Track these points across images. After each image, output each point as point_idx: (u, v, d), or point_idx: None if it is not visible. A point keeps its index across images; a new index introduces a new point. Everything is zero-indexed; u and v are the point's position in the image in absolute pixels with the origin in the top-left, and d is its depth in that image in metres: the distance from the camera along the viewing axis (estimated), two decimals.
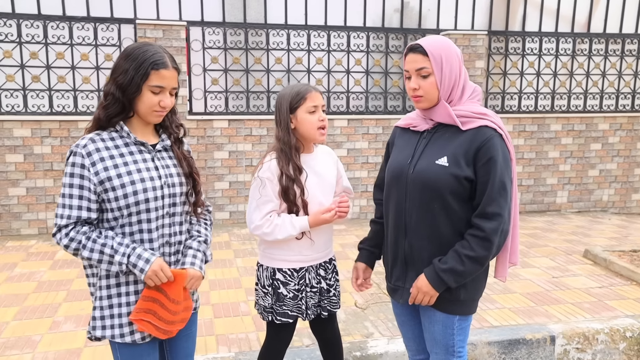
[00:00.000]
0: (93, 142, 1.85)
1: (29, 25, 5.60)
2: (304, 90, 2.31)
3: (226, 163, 6.13)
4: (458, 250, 1.97)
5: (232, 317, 3.71)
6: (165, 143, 1.99)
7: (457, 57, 2.01)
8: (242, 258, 5.00)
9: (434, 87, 1.99)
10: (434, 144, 2.04)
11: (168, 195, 1.94)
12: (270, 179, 2.30)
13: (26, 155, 5.58)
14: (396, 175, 2.11)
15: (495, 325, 3.63)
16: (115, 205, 1.85)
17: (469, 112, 1.99)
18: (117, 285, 1.90)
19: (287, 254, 2.38)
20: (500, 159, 1.94)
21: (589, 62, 7.18)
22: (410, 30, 6.65)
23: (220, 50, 6.16)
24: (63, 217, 1.82)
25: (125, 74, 1.82)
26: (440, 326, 2.10)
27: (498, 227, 1.93)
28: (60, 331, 3.44)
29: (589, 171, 7.22)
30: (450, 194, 1.98)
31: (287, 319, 2.39)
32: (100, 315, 1.92)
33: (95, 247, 1.81)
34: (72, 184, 1.82)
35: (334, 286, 2.50)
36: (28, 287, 4.19)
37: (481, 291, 2.14)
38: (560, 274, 4.68)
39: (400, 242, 2.12)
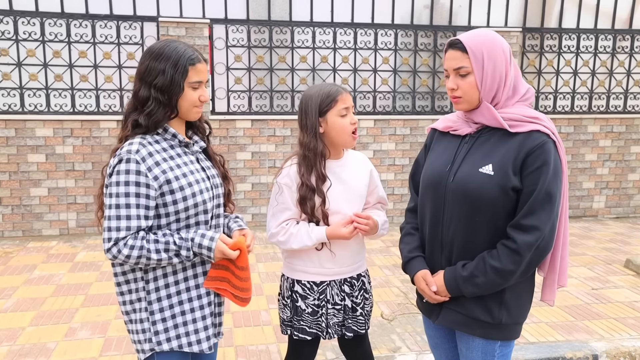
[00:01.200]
0: (144, 146, 1.77)
1: (52, 23, 5.56)
2: (334, 91, 2.12)
3: (249, 164, 6.00)
4: (485, 258, 1.79)
5: (253, 326, 3.57)
6: (201, 144, 1.95)
7: (504, 53, 1.79)
8: (263, 263, 4.86)
9: (473, 87, 1.79)
10: (477, 149, 1.84)
11: (216, 196, 1.93)
12: (289, 185, 2.16)
13: (48, 155, 5.55)
14: (433, 183, 1.91)
15: (532, 341, 3.41)
16: (173, 209, 1.79)
17: (519, 115, 1.78)
18: (177, 293, 1.84)
19: (306, 265, 2.22)
20: (551, 168, 1.73)
21: (630, 60, 6.84)
22: (441, 27, 6.42)
23: (244, 49, 6.03)
24: (120, 230, 1.71)
25: (164, 75, 1.76)
26: (479, 353, 1.90)
27: (534, 242, 1.73)
28: (75, 338, 3.35)
29: (628, 175, 6.88)
30: (495, 206, 1.78)
31: (305, 335, 2.23)
32: (164, 327, 1.84)
33: (160, 246, 1.73)
34: (128, 192, 1.72)
35: (362, 305, 2.29)
36: (46, 290, 4.12)
37: (526, 314, 1.93)
38: (601, 286, 4.41)
39: (436, 256, 1.95)
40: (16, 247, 5.22)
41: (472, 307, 1.86)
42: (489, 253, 1.79)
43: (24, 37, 5.52)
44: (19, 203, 5.55)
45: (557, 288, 1.94)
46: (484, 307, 1.84)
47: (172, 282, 1.83)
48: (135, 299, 1.84)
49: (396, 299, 4.02)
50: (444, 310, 1.94)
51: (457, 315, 1.90)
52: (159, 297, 1.82)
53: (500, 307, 1.84)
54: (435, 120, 6.98)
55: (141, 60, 1.82)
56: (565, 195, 1.83)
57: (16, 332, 3.41)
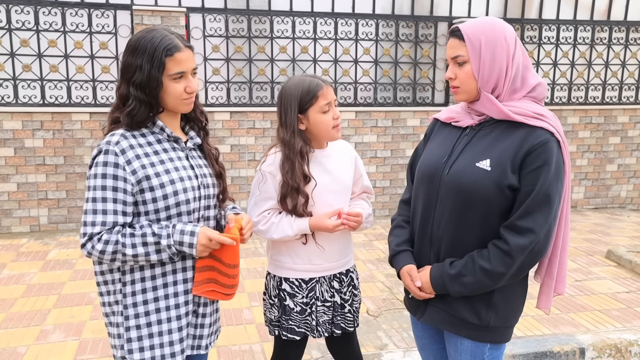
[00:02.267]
0: (125, 138, 1.67)
1: (19, 10, 5.31)
2: (314, 86, 2.02)
3: (228, 157, 5.85)
4: (474, 257, 1.70)
5: (235, 325, 3.46)
6: (196, 141, 1.83)
7: (506, 42, 1.68)
8: (245, 259, 4.74)
9: (470, 76, 1.70)
10: (476, 143, 1.74)
11: (204, 197, 1.81)
12: (273, 174, 2.06)
13: (17, 148, 5.31)
14: (428, 175, 1.82)
15: (519, 335, 3.38)
16: (152, 207, 1.68)
17: (523, 109, 1.68)
18: (155, 300, 1.72)
19: (294, 262, 2.13)
20: (552, 168, 1.63)
21: (608, 51, 6.87)
22: (422, 17, 6.34)
23: (221, 39, 5.86)
24: (96, 225, 1.62)
25: (141, 71, 1.64)
26: (467, 356, 1.82)
27: (527, 245, 1.64)
28: (48, 342, 3.19)
29: (607, 166, 6.93)
30: (489, 204, 1.68)
31: (294, 335, 2.14)
32: (137, 335, 1.71)
33: (136, 240, 1.62)
34: (105, 186, 1.62)
35: (350, 302, 2.21)
36: (16, 291, 3.94)
37: (517, 317, 1.84)
38: (584, 277, 4.41)
39: (424, 252, 1.86)
40: None
41: (458, 307, 1.78)
42: (479, 252, 1.71)
43: None
44: None
45: (553, 296, 1.86)
46: (471, 308, 1.76)
47: (150, 288, 1.71)
48: (113, 301, 1.74)
49: (381, 294, 3.94)
50: (430, 308, 1.86)
51: (442, 314, 1.82)
52: (135, 302, 1.70)
53: (488, 309, 1.75)
54: (417, 112, 6.85)
55: (122, 55, 1.70)
56: (567, 198, 1.75)
57: None
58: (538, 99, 1.74)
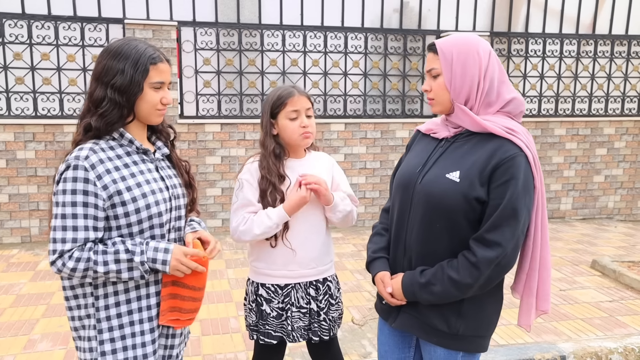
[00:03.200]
0: (94, 152, 1.65)
1: (13, 25, 5.38)
2: (285, 94, 2.13)
3: (218, 169, 5.91)
4: (444, 267, 1.74)
5: (221, 334, 3.49)
6: (164, 151, 1.85)
7: (478, 55, 1.72)
8: (233, 269, 4.78)
9: (442, 88, 1.76)
10: (449, 155, 1.79)
11: (176, 208, 1.81)
12: (249, 181, 2.17)
13: (9, 160, 5.36)
14: (403, 184, 1.88)
15: (501, 343, 3.42)
16: (124, 222, 1.67)
17: (496, 124, 1.72)
18: (128, 313, 1.72)
19: (270, 268, 2.20)
20: (520, 183, 1.66)
21: (594, 64, 6.99)
22: (410, 31, 6.45)
23: (212, 52, 5.95)
24: (66, 242, 1.59)
25: (123, 74, 1.65)
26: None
27: (494, 258, 1.67)
28: (35, 351, 3.22)
29: (594, 177, 7.02)
30: (456, 214, 1.72)
31: (271, 339, 2.21)
32: (112, 348, 1.71)
33: (108, 258, 1.61)
34: (75, 202, 1.60)
35: (326, 310, 2.25)
36: (5, 301, 3.96)
37: (490, 327, 1.86)
38: (568, 287, 4.47)
39: (399, 259, 1.90)
40: None
41: (428, 314, 1.81)
42: (449, 262, 1.74)
43: None
44: None
45: (537, 313, 1.87)
46: (441, 316, 1.79)
47: (124, 301, 1.70)
48: (84, 315, 1.72)
49: (367, 304, 3.99)
50: (402, 314, 1.89)
51: (414, 320, 1.86)
52: (109, 315, 1.69)
53: (458, 318, 1.78)
54: (405, 123, 6.91)
55: (98, 60, 1.71)
56: (541, 213, 1.77)
57: None
58: (513, 114, 1.78)
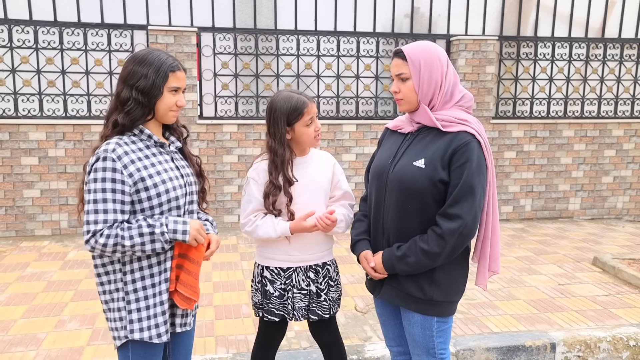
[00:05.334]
0: (120, 145, 1.92)
1: (46, 31, 5.76)
2: (301, 104, 2.33)
3: (235, 167, 6.21)
4: (416, 241, 2.03)
5: (233, 318, 3.77)
6: (177, 144, 2.12)
7: (440, 62, 2.02)
8: (247, 261, 5.06)
9: (412, 90, 2.04)
10: (415, 146, 2.08)
11: (189, 193, 2.08)
12: (255, 179, 2.40)
13: (41, 157, 5.74)
14: (377, 174, 2.17)
15: (495, 331, 3.62)
16: (147, 205, 1.94)
17: (451, 117, 2.01)
18: (152, 285, 1.97)
19: (274, 253, 2.45)
20: (474, 164, 1.96)
21: (603, 67, 7.10)
22: (420, 35, 6.65)
23: (230, 56, 6.25)
24: (98, 222, 1.86)
25: (146, 79, 1.93)
26: (419, 328, 2.13)
27: (457, 229, 1.96)
28: (64, 330, 3.53)
29: (602, 178, 7.12)
30: (424, 195, 2.01)
31: (273, 317, 2.46)
32: (138, 317, 1.97)
33: (133, 232, 1.86)
34: (105, 188, 1.87)
35: (326, 291, 2.49)
36: (38, 286, 4.31)
37: (458, 294, 2.16)
38: (567, 282, 4.63)
39: (378, 239, 2.19)
40: (9, 247, 5.39)
41: (406, 284, 2.10)
42: (420, 237, 2.03)
43: (18, 44, 5.72)
44: (12, 204, 5.73)
45: (489, 274, 2.16)
46: (416, 284, 2.08)
47: (148, 275, 1.97)
48: (113, 289, 1.98)
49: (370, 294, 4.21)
50: (384, 287, 2.18)
51: (395, 291, 2.14)
52: (135, 288, 1.96)
53: (431, 285, 2.07)
54: None
55: (125, 65, 1.99)
56: (492, 190, 2.05)
57: (8, 324, 3.59)
58: (465, 107, 2.08)
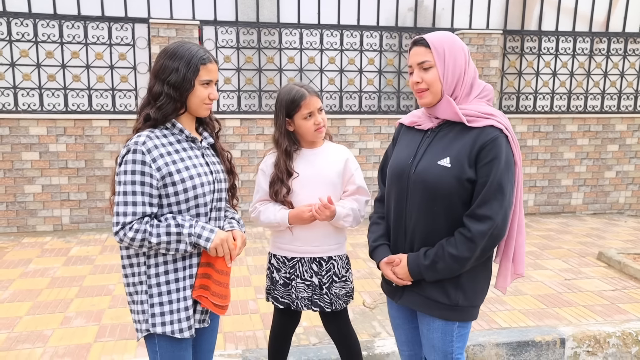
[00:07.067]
0: (150, 139, 1.90)
1: (45, 25, 5.72)
2: (299, 97, 2.38)
3: (238, 162, 6.18)
4: (444, 245, 1.93)
5: (241, 314, 3.76)
6: (209, 140, 2.09)
7: (463, 52, 1.95)
8: (252, 257, 5.06)
9: (436, 79, 1.93)
10: (437, 143, 1.98)
11: (217, 190, 2.06)
12: (263, 170, 2.51)
13: (42, 153, 5.70)
14: (397, 174, 2.06)
15: (504, 327, 3.63)
16: (174, 200, 1.92)
17: (476, 111, 1.92)
18: (176, 280, 1.96)
19: (281, 242, 2.53)
20: (503, 161, 1.86)
21: (607, 62, 7.11)
22: (424, 29, 6.64)
23: (233, 50, 6.22)
24: (127, 215, 1.86)
25: (177, 73, 1.90)
26: (439, 333, 2.05)
27: (487, 230, 1.86)
28: (71, 326, 3.52)
29: (605, 173, 7.15)
30: (451, 196, 1.91)
31: (278, 304, 2.56)
32: (160, 311, 1.96)
33: (161, 230, 1.86)
34: (134, 181, 1.86)
35: (328, 286, 2.50)
36: (42, 282, 4.29)
37: (482, 297, 2.07)
38: (573, 276, 4.65)
39: (400, 243, 2.10)
40: (11, 243, 5.37)
41: (430, 290, 2.00)
42: (447, 240, 1.93)
43: (17, 37, 5.67)
44: (13, 200, 5.70)
45: (513, 277, 2.07)
46: (442, 290, 1.98)
47: (172, 270, 1.96)
48: (137, 282, 1.99)
49: (378, 289, 4.22)
50: (406, 293, 2.08)
51: (417, 297, 2.05)
52: (159, 282, 1.95)
53: (457, 290, 1.97)
54: None
55: (157, 59, 1.97)
56: (520, 187, 1.97)
57: (14, 321, 3.57)
58: (487, 99, 2.00)
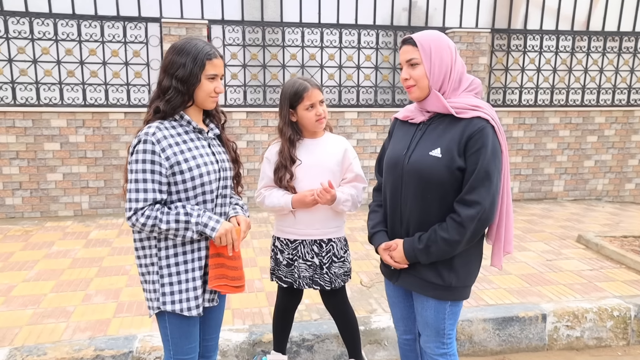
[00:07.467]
0: (160, 130, 1.88)
1: (64, 24, 5.64)
2: (301, 89, 2.36)
3: (244, 152, 6.14)
4: (436, 230, 1.91)
5: (248, 293, 3.74)
6: (215, 131, 2.06)
7: (449, 49, 1.90)
8: (258, 240, 5.03)
9: (423, 76, 1.90)
10: (428, 135, 1.96)
11: (223, 178, 2.03)
12: (268, 158, 2.49)
13: (62, 143, 5.65)
14: (393, 165, 2.04)
15: (490, 304, 3.61)
16: (182, 187, 1.90)
17: (463, 103, 1.89)
18: (184, 262, 1.95)
19: (284, 226, 2.51)
20: (489, 150, 1.83)
21: (587, 58, 7.02)
22: (418, 28, 6.54)
23: (239, 47, 6.14)
24: (139, 201, 1.85)
25: (184, 68, 1.86)
26: (432, 312, 2.04)
27: (475, 215, 1.84)
28: (91, 303, 3.50)
29: (584, 162, 7.09)
30: (443, 184, 1.89)
31: (282, 282, 2.57)
32: (170, 290, 1.95)
33: (170, 218, 1.85)
34: (145, 169, 1.85)
35: (328, 265, 2.49)
36: (64, 263, 4.27)
37: (473, 278, 2.05)
38: (554, 257, 4.62)
39: (396, 229, 2.08)
40: (35, 227, 5.34)
41: (425, 272, 1.99)
42: (439, 225, 1.91)
43: (38, 36, 5.59)
44: (37, 187, 5.66)
45: (503, 254, 2.05)
46: (436, 272, 1.97)
47: (181, 252, 1.95)
48: (149, 263, 1.98)
49: (374, 270, 4.20)
50: (403, 275, 2.07)
51: (413, 279, 2.03)
52: (169, 264, 1.94)
53: (450, 272, 1.96)
54: None
55: (166, 55, 1.93)
56: (506, 174, 1.93)
57: (39, 298, 3.56)
58: (475, 92, 1.96)
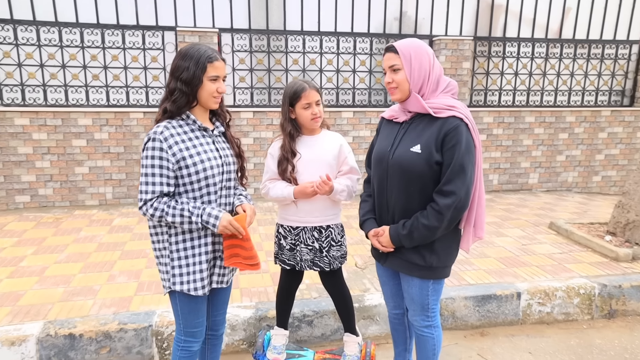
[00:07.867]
0: (167, 128, 1.92)
1: (90, 32, 5.67)
2: (300, 89, 2.38)
3: (251, 148, 6.19)
4: (418, 217, 1.96)
5: (254, 274, 3.81)
6: (220, 129, 2.08)
7: (428, 55, 1.94)
8: (263, 226, 5.09)
9: (404, 80, 1.95)
10: (410, 133, 2.00)
11: (226, 172, 2.05)
12: (272, 153, 2.50)
13: (88, 140, 5.70)
14: (379, 160, 2.09)
15: (471, 283, 3.68)
16: (187, 180, 1.93)
17: (440, 104, 1.93)
18: (192, 247, 1.99)
19: (287, 214, 2.54)
20: (463, 145, 1.88)
21: (559, 64, 7.06)
22: (408, 35, 6.57)
23: (246, 53, 6.17)
24: (148, 192, 1.90)
25: (188, 71, 1.88)
26: (417, 289, 2.10)
27: (452, 204, 1.89)
28: (115, 282, 3.57)
29: (557, 157, 7.15)
30: (423, 177, 1.94)
31: (285, 265, 2.59)
32: (179, 272, 1.99)
33: (175, 212, 1.90)
34: (154, 164, 1.88)
35: (327, 249, 2.53)
36: (91, 247, 4.34)
37: (453, 259, 2.10)
38: (529, 242, 4.69)
39: (384, 217, 2.14)
40: (65, 214, 5.41)
41: (409, 254, 2.06)
42: (421, 213, 1.97)
43: (66, 44, 5.62)
44: (66, 179, 5.72)
45: (474, 239, 2.09)
46: (419, 254, 2.03)
47: (189, 239, 1.99)
48: (162, 247, 2.03)
49: (368, 253, 4.27)
50: (390, 257, 2.14)
51: (399, 261, 2.10)
52: (178, 249, 1.99)
53: (431, 254, 2.02)
54: None
55: (173, 60, 1.96)
56: (479, 167, 1.98)
57: (69, 278, 3.63)
58: (451, 93, 2.00)
